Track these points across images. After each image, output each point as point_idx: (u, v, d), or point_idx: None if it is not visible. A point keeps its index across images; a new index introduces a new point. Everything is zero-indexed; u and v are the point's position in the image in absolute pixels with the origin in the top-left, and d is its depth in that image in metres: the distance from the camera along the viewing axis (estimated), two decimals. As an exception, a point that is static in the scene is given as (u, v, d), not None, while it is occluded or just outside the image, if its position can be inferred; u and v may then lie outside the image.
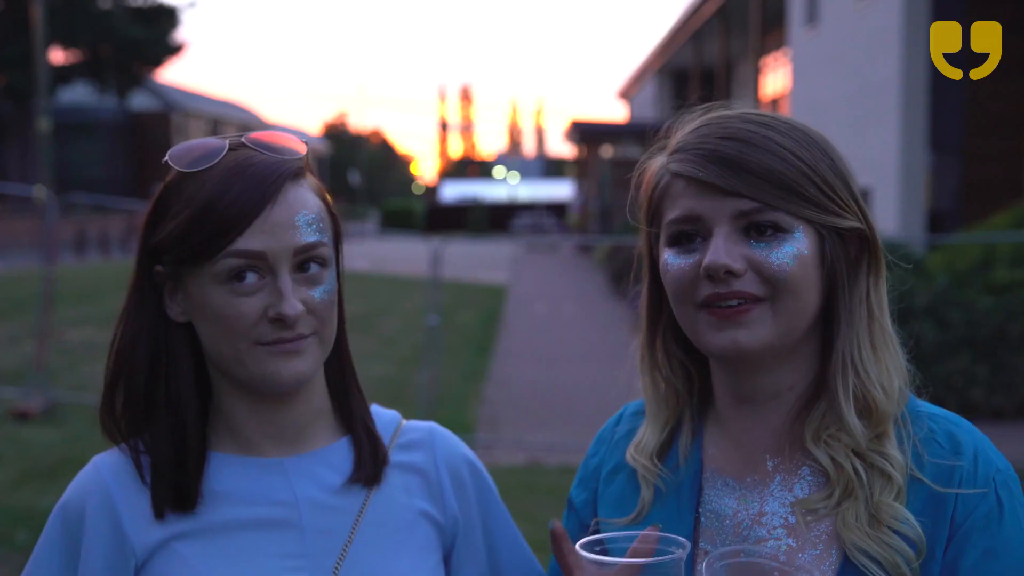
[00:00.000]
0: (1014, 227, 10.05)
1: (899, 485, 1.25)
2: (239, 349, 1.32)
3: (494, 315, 17.26)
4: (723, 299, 1.25)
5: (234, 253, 1.29)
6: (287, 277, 1.30)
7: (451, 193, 66.98)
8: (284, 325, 1.30)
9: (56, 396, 9.22)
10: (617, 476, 1.45)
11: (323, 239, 1.34)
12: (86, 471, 1.40)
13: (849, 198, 1.30)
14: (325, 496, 1.40)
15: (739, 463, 1.35)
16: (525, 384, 11.28)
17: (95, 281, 18.69)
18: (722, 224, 1.26)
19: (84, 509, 1.35)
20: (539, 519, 6.76)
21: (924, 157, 14.60)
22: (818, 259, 1.28)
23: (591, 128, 32.65)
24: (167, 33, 41.20)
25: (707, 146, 1.28)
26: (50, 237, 10.14)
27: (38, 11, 28.28)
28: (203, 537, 1.34)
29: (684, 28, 27.09)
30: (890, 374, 1.31)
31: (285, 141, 1.37)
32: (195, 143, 1.36)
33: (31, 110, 35.86)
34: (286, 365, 1.32)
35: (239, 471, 1.39)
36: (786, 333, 1.27)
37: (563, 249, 32.60)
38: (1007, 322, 8.88)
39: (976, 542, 1.22)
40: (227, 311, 1.30)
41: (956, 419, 1.32)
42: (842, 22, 17.28)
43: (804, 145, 1.29)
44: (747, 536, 1.30)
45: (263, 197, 1.29)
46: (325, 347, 1.37)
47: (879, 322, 1.32)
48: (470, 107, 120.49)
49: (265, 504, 1.37)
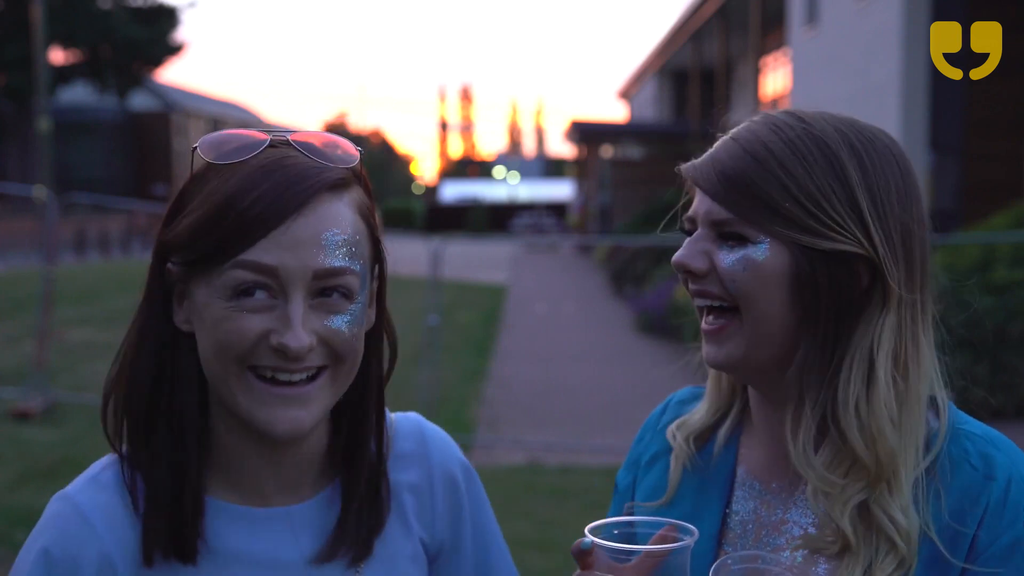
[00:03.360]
0: (1014, 227, 10.05)
1: (903, 554, 1.16)
2: (230, 372, 1.14)
3: (494, 315, 17.26)
4: (694, 295, 1.27)
5: (243, 264, 1.12)
6: (300, 303, 1.13)
7: (451, 193, 66.96)
8: (287, 357, 1.13)
9: (56, 396, 9.22)
10: (656, 464, 1.44)
11: (352, 266, 1.15)
12: (67, 515, 1.18)
13: (848, 217, 1.20)
14: (328, 548, 1.26)
15: (767, 468, 1.33)
16: (525, 384, 11.27)
17: (95, 281, 18.68)
18: (703, 226, 1.26)
19: (77, 564, 1.16)
20: (539, 519, 6.77)
21: (924, 157, 14.60)
22: (787, 275, 1.20)
23: (591, 128, 32.65)
24: (167, 33, 41.21)
25: (718, 147, 1.28)
26: (50, 237, 10.14)
27: (38, 11, 28.30)
28: None
29: (684, 28, 27.08)
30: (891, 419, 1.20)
31: (335, 146, 1.21)
32: (232, 133, 1.20)
33: (31, 110, 35.87)
34: (285, 413, 1.15)
35: (242, 526, 1.22)
36: (756, 348, 1.23)
37: (563, 249, 32.60)
38: (1007, 322, 8.88)
39: (997, 570, 1.16)
40: (224, 326, 1.13)
41: (998, 440, 1.24)
42: (842, 22, 17.28)
43: (802, 154, 1.21)
44: (767, 543, 1.28)
45: (287, 205, 1.12)
46: (339, 387, 1.20)
47: (876, 367, 1.20)
48: (470, 107, 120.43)
49: (273, 569, 1.22)
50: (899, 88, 14.40)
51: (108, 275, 19.84)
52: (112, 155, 46.11)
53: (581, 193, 35.98)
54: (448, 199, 63.15)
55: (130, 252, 29.76)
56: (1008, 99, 13.94)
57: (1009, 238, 9.57)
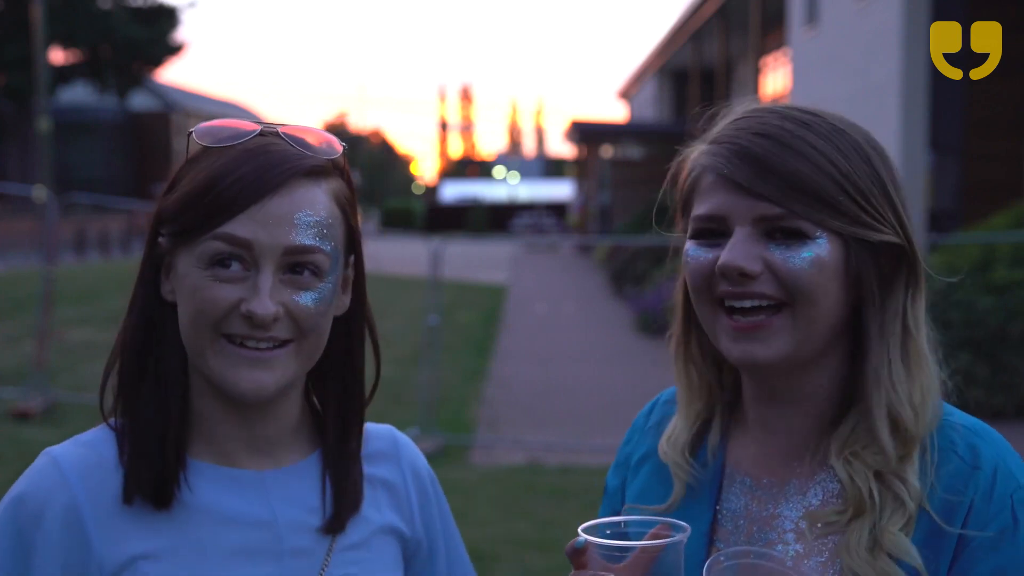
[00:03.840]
0: (1014, 227, 10.05)
1: (910, 513, 1.21)
2: (204, 339, 1.24)
3: (494, 315, 17.26)
4: (738, 298, 1.23)
5: (220, 236, 1.22)
6: (269, 275, 1.22)
7: (451, 193, 66.92)
8: (254, 323, 1.22)
9: (56, 396, 9.23)
10: (644, 465, 1.45)
11: (323, 246, 1.25)
12: (43, 466, 1.28)
13: (887, 210, 1.25)
14: (303, 516, 1.32)
15: (758, 464, 1.34)
16: (525, 384, 11.28)
17: (95, 281, 18.69)
18: (744, 224, 1.23)
19: (43, 510, 1.23)
20: (539, 519, 6.77)
21: (924, 157, 14.59)
22: (842, 269, 1.23)
23: (591, 128, 32.66)
24: (167, 33, 41.21)
25: (740, 141, 1.25)
26: (50, 237, 10.15)
27: (38, 11, 28.31)
28: (175, 558, 1.24)
29: (684, 28, 27.08)
30: (923, 394, 1.26)
31: (319, 139, 1.30)
32: (226, 122, 1.31)
33: (31, 110, 35.88)
34: (250, 374, 1.24)
35: (216, 483, 1.29)
36: (804, 343, 1.24)
37: (563, 249, 32.60)
38: (1007, 322, 8.88)
39: (986, 558, 1.19)
40: (200, 295, 1.23)
41: (982, 430, 1.28)
42: (842, 22, 17.28)
43: (842, 150, 1.24)
44: (758, 538, 1.29)
45: (264, 185, 1.22)
46: (304, 359, 1.28)
47: (915, 340, 1.27)
48: (470, 107, 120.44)
49: (242, 525, 1.28)
50: (899, 88, 14.40)
51: (108, 275, 19.83)
52: (112, 155, 46.10)
53: (581, 193, 35.99)
54: (448, 199, 63.12)
55: (130, 252, 29.75)
56: (1008, 99, 13.95)
57: (1009, 238, 9.57)
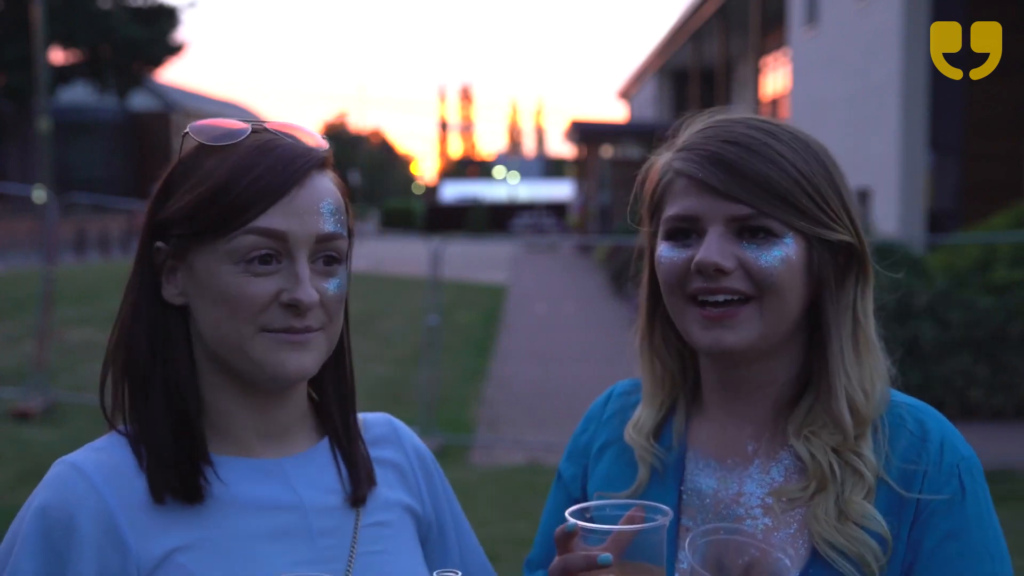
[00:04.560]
0: (1014, 227, 10.05)
1: (870, 484, 1.32)
2: (243, 334, 1.25)
3: (494, 315, 17.26)
4: (711, 293, 1.33)
5: (254, 231, 1.23)
6: (305, 263, 1.25)
7: (451, 193, 66.94)
8: (296, 312, 1.25)
9: (56, 396, 9.22)
10: (606, 452, 1.53)
11: (342, 232, 1.30)
12: (65, 474, 1.26)
13: (841, 210, 1.36)
14: (326, 497, 1.35)
15: (722, 446, 1.43)
16: (525, 384, 11.28)
17: (95, 281, 18.69)
18: (717, 224, 1.32)
19: (73, 518, 1.22)
20: (539, 519, 6.76)
21: (924, 157, 14.60)
22: (805, 265, 1.34)
23: (591, 128, 32.64)
24: (167, 33, 41.17)
25: (710, 148, 1.34)
26: (50, 237, 10.14)
27: (38, 11, 28.30)
28: (210, 549, 1.25)
29: (684, 28, 27.09)
30: (872, 379, 1.37)
31: (307, 133, 1.35)
32: (217, 121, 1.31)
33: (31, 110, 35.88)
34: (292, 356, 1.26)
35: (239, 473, 1.31)
36: (770, 333, 1.34)
37: (563, 249, 32.60)
38: (1007, 322, 8.89)
39: (939, 524, 1.30)
40: (236, 291, 1.23)
41: (925, 408, 1.40)
42: (842, 22, 17.28)
43: (803, 155, 1.34)
44: (726, 515, 1.38)
45: (291, 177, 1.25)
46: (330, 345, 1.32)
47: (864, 329, 1.39)
48: (470, 107, 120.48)
49: (272, 510, 1.30)
50: (899, 88, 14.40)
51: (108, 275, 19.83)
52: (112, 155, 46.10)
53: (581, 193, 35.98)
54: (448, 199, 63.14)
55: (130, 252, 29.60)
56: (1008, 99, 13.95)
57: (1009, 238, 9.57)
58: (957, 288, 9.23)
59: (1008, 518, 6.57)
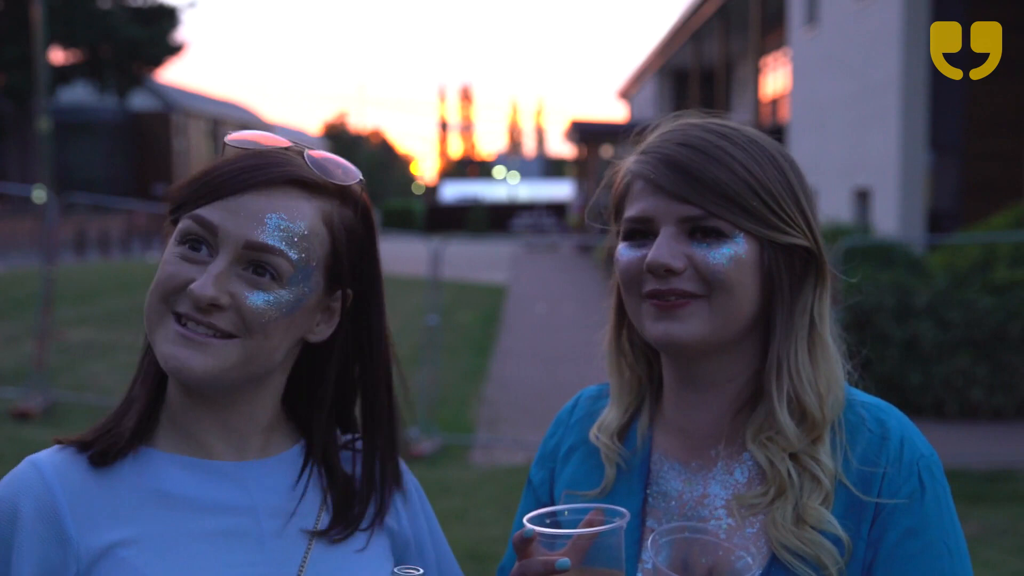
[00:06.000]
0: (1014, 227, 10.05)
1: (827, 490, 1.33)
2: (154, 311, 1.26)
3: (494, 315, 17.26)
4: (663, 294, 1.34)
5: (193, 216, 1.26)
6: (223, 262, 1.23)
7: (451, 193, 66.90)
8: (197, 306, 1.23)
9: (56, 396, 9.22)
10: (573, 455, 1.54)
11: (288, 252, 1.25)
12: (21, 469, 1.29)
13: (796, 214, 1.37)
14: (283, 503, 1.33)
15: (685, 448, 1.44)
16: (525, 384, 11.28)
17: (95, 281, 18.68)
18: (669, 225, 1.35)
19: (17, 510, 1.24)
20: (539, 519, 6.75)
21: (924, 157, 14.60)
22: (756, 266, 1.35)
23: (591, 128, 32.65)
24: (167, 33, 41.20)
25: (665, 151, 1.37)
26: (50, 237, 10.14)
27: (38, 11, 28.32)
28: (153, 545, 1.25)
29: (684, 28, 27.10)
30: (827, 382, 1.38)
31: (337, 165, 1.32)
32: (260, 133, 1.35)
33: (31, 110, 35.89)
34: (179, 351, 1.23)
35: (192, 474, 1.30)
36: (720, 329, 1.35)
37: (563, 249, 32.60)
38: (1007, 322, 8.89)
39: (899, 521, 1.31)
40: (165, 268, 1.26)
41: (886, 407, 1.41)
42: (842, 22, 17.29)
43: (757, 159, 1.36)
44: (691, 516, 1.39)
45: (247, 180, 1.26)
46: (247, 358, 1.26)
47: (819, 333, 1.39)
48: (470, 107, 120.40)
49: (222, 511, 1.29)
50: (899, 88, 14.40)
51: (108, 275, 19.83)
52: (112, 155, 46.11)
53: (581, 193, 35.99)
54: (448, 199, 63.10)
55: (130, 252, 29.77)
56: (1008, 99, 13.95)
57: (1009, 238, 9.57)
58: (957, 288, 9.23)
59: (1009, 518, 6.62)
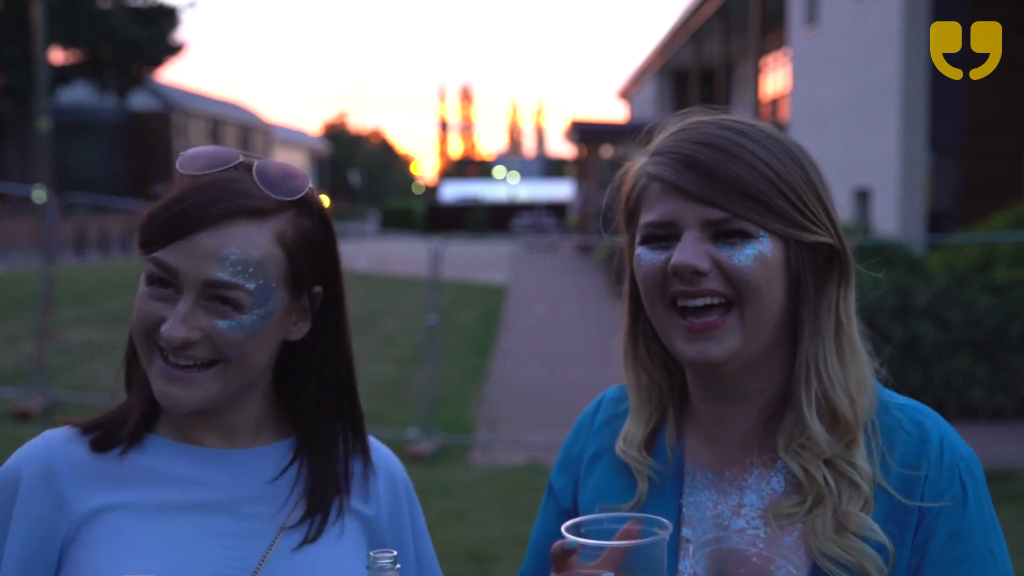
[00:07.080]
0: (1014, 227, 10.05)
1: (866, 495, 1.30)
2: (141, 346, 1.36)
3: (494, 315, 17.25)
4: (690, 296, 1.31)
5: (154, 260, 1.33)
6: (189, 302, 1.31)
7: (451, 193, 66.85)
8: (171, 345, 1.32)
9: (56, 396, 9.22)
10: (599, 463, 1.49)
11: (245, 284, 1.32)
12: (33, 442, 1.42)
13: (819, 210, 1.33)
14: (262, 487, 1.42)
15: (717, 459, 1.40)
16: (525, 384, 11.28)
17: (95, 281, 18.68)
18: (692, 228, 1.30)
19: (20, 474, 1.37)
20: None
21: (924, 157, 14.60)
22: (783, 266, 1.32)
23: (591, 128, 32.63)
24: (167, 33, 41.18)
25: (683, 151, 1.33)
26: (50, 237, 10.13)
27: (38, 11, 28.32)
28: (140, 513, 1.37)
29: (684, 28, 27.08)
30: (858, 383, 1.34)
31: (290, 177, 1.37)
32: (208, 150, 1.39)
33: (31, 110, 35.87)
34: (168, 388, 1.34)
35: (182, 457, 1.41)
36: (753, 339, 1.32)
37: (563, 249, 32.59)
38: (1007, 322, 8.88)
39: (943, 525, 1.29)
40: (140, 306, 1.34)
41: (922, 408, 1.37)
42: (842, 22, 17.28)
43: (777, 156, 1.32)
44: (727, 526, 1.35)
45: (199, 221, 1.31)
46: (232, 378, 1.36)
47: (847, 332, 1.35)
48: (470, 107, 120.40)
49: (203, 486, 1.40)
50: (899, 88, 14.40)
51: (108, 275, 19.83)
52: (112, 155, 46.08)
53: (581, 193, 35.97)
54: (448, 199, 63.05)
55: (130, 252, 29.74)
56: (1008, 99, 13.95)
57: (1009, 238, 9.56)
58: (957, 288, 9.23)
59: (1008, 518, 6.61)
